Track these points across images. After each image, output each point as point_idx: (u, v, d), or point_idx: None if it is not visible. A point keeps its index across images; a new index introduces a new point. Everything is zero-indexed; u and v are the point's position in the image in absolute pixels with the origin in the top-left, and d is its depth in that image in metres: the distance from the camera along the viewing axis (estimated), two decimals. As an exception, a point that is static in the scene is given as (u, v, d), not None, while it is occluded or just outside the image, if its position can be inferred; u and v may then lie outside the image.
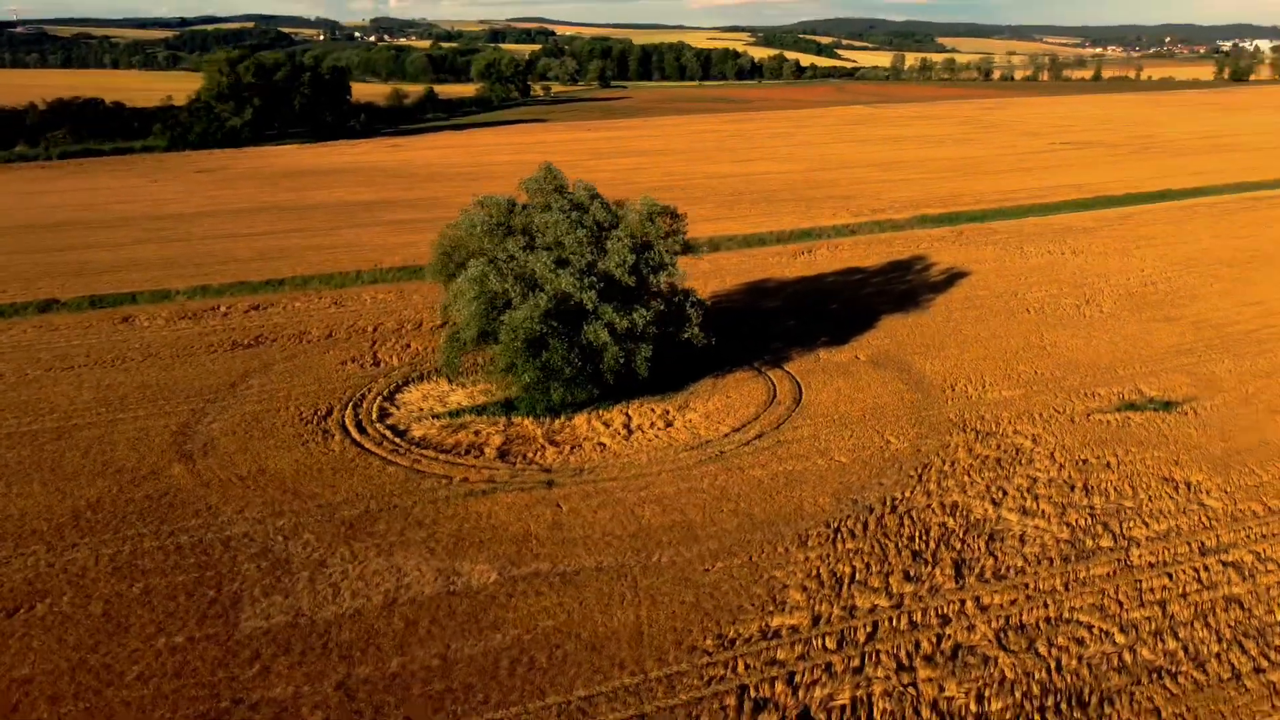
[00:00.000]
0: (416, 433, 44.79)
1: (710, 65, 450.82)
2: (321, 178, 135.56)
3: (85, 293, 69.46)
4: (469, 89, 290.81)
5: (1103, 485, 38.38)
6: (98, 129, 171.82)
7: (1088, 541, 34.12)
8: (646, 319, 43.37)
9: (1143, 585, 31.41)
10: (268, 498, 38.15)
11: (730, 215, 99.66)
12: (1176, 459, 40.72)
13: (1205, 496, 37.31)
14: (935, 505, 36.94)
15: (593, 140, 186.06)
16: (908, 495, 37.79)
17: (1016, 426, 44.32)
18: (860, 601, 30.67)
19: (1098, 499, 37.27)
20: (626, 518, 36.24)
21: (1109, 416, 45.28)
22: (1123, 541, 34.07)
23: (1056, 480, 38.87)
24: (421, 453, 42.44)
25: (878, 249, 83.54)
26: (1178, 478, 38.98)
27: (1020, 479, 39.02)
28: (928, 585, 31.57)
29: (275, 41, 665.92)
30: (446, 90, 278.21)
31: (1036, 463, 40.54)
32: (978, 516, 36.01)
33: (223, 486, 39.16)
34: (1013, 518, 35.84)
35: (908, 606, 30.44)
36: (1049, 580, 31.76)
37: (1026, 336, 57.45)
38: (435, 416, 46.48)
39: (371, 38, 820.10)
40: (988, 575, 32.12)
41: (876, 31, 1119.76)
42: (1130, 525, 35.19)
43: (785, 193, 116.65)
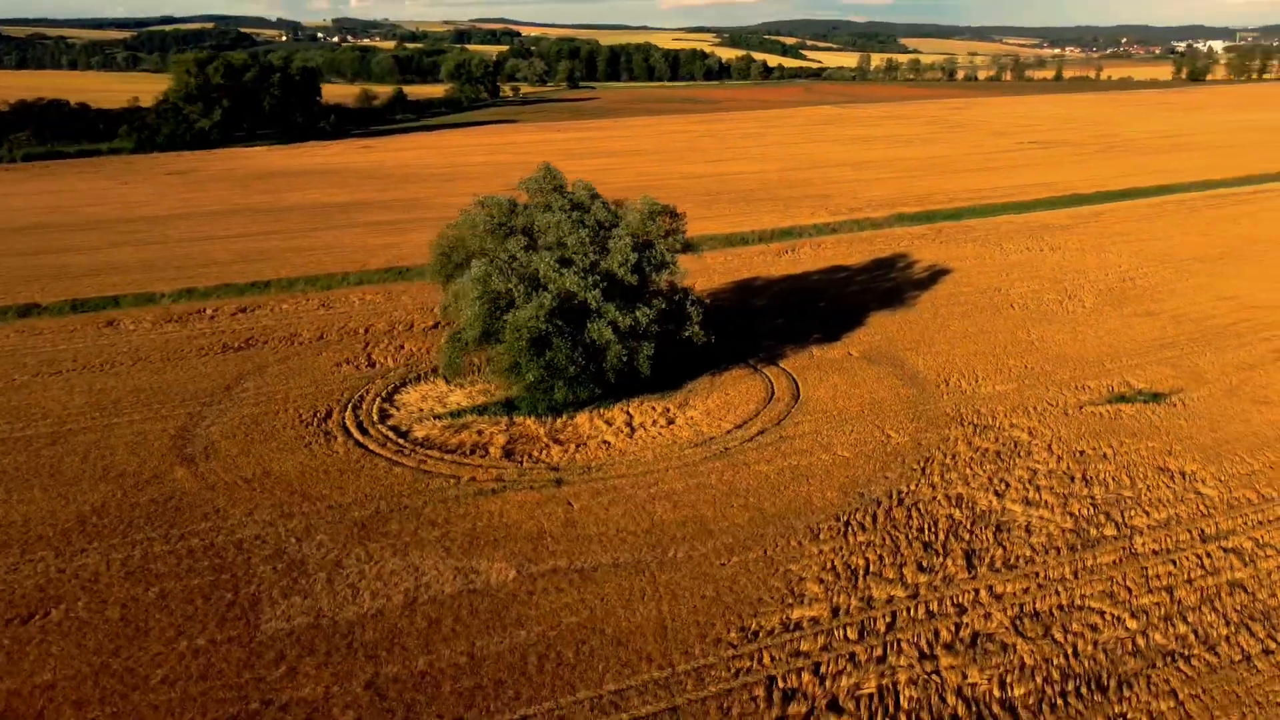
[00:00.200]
0: (419, 433, 44.74)
1: (678, 66, 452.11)
2: (295, 179, 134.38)
3: (66, 296, 68.43)
4: (438, 90, 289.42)
5: (1101, 476, 39.27)
6: (63, 131, 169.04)
7: (1092, 531, 34.93)
8: (649, 317, 43.66)
9: (1149, 572, 32.23)
10: (276, 500, 37.97)
11: (709, 215, 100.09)
12: (1170, 449, 41.73)
13: (1201, 485, 38.31)
14: (940, 497, 37.60)
15: (564, 141, 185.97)
16: (913, 488, 38.43)
17: (1012, 420, 45.16)
18: (877, 592, 31.19)
19: (1097, 489, 38.13)
20: (639, 514, 36.51)
21: (1101, 409, 46.28)
22: (1125, 530, 34.91)
23: (1056, 471, 39.71)
24: (426, 453, 42.41)
25: (859, 247, 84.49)
26: (1172, 467, 39.97)
27: (1021, 471, 39.81)
28: (941, 575, 32.16)
29: (236, 42, 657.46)
30: (415, 91, 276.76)
31: (1035, 455, 41.37)
32: (983, 508, 36.71)
33: (229, 490, 38.90)
34: (1017, 509, 36.58)
35: (924, 596, 31.01)
36: (1058, 569, 32.49)
37: (1013, 332, 58.48)
38: (436, 417, 46.45)
39: (335, 38, 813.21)
40: (998, 565, 32.78)
41: (840, 32, 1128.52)
42: (1131, 514, 36.06)
43: (761, 192, 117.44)
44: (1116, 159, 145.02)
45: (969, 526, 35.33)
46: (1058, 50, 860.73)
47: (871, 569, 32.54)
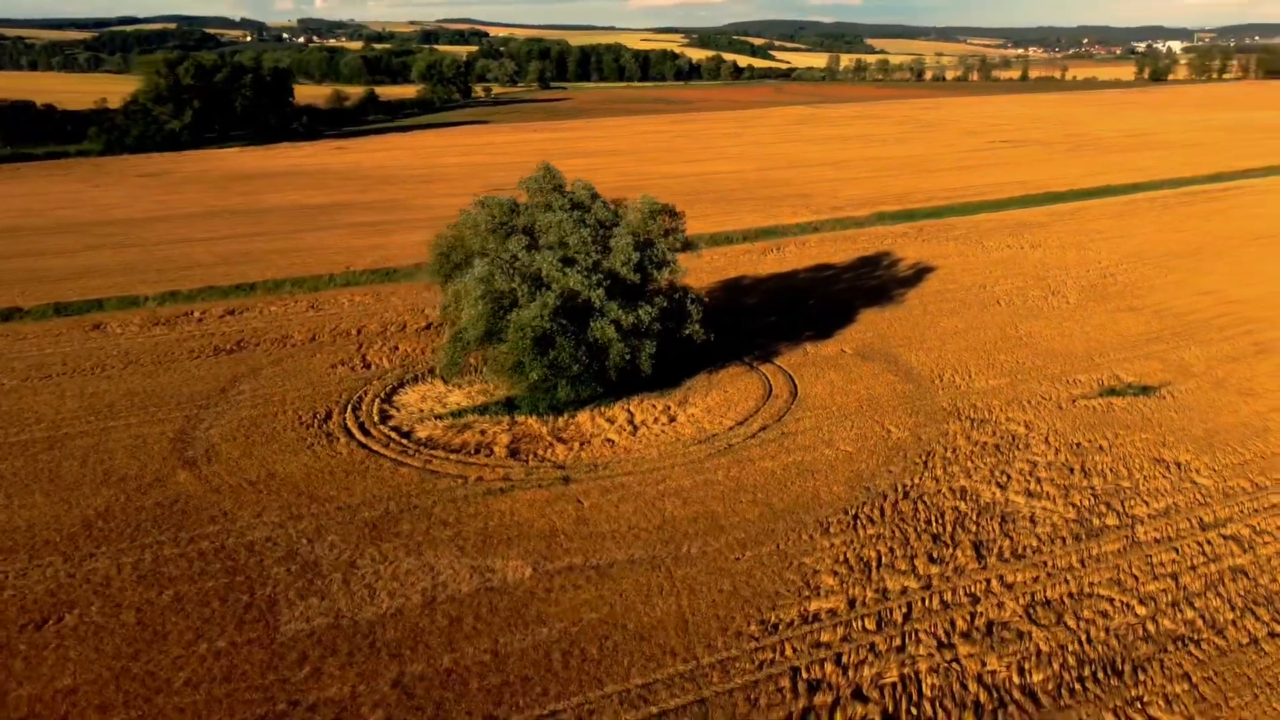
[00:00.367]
0: (421, 434, 44.69)
1: (649, 66, 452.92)
2: (271, 181, 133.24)
3: (48, 300, 67.48)
4: (409, 90, 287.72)
5: (1099, 467, 40.06)
6: (29, 132, 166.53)
7: (1094, 520, 35.65)
8: (651, 315, 43.93)
9: (1153, 560, 32.97)
10: (283, 502, 37.80)
11: (693, 215, 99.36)
12: (1163, 440, 42.64)
13: (1196, 475, 39.20)
14: (945, 490, 38.19)
15: (540, 141, 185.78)
16: (917, 481, 38.99)
17: (1008, 414, 45.91)
18: (891, 584, 31.67)
19: (1096, 480, 38.90)
20: (649, 511, 36.76)
21: (1093, 402, 47.16)
22: (1127, 519, 35.67)
23: (1055, 463, 40.46)
24: (431, 453, 42.38)
25: (844, 246, 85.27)
26: (1167, 458, 40.86)
27: (1021, 463, 40.51)
28: (952, 566, 32.70)
29: (200, 43, 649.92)
30: (387, 92, 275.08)
31: (1033, 447, 42.10)
32: (987, 500, 37.34)
33: (234, 492, 38.66)
34: (1020, 500, 37.25)
35: (937, 587, 31.52)
36: (1065, 558, 33.14)
37: (1002, 328, 59.37)
38: (438, 417, 46.41)
39: (301, 39, 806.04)
40: (1007, 555, 33.38)
41: (807, 33, 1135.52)
42: (1131, 504, 36.84)
43: (742, 192, 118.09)
44: (1087, 157, 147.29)
45: (975, 518, 35.92)
46: (1021, 50, 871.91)
47: (884, 561, 33.01)
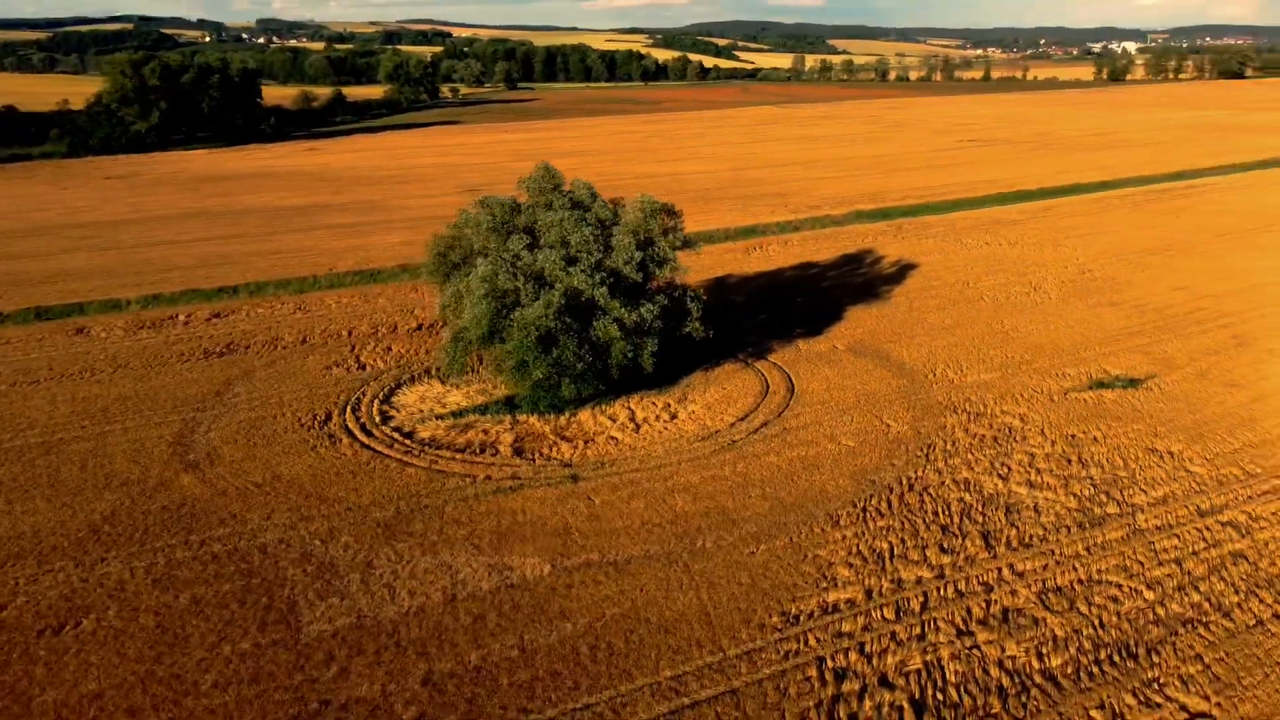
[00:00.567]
0: (424, 434, 44.66)
1: (615, 67, 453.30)
2: (243, 182, 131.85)
3: (27, 304, 66.42)
4: (376, 91, 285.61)
5: (1095, 458, 40.99)
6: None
7: (1096, 509, 36.50)
8: (653, 313, 44.24)
9: (1156, 546, 33.84)
10: (292, 504, 37.63)
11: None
12: (1155, 431, 43.70)
13: (1189, 464, 40.23)
14: (948, 482, 38.88)
15: (514, 142, 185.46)
16: (920, 474, 39.66)
17: (1003, 407, 46.78)
18: (905, 574, 32.23)
19: (1094, 470, 39.81)
20: (660, 507, 37.08)
21: (1084, 395, 48.18)
22: (1127, 508, 36.56)
23: (1053, 455, 41.33)
24: (436, 453, 42.39)
25: (825, 244, 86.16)
26: (1160, 448, 41.89)
27: (1020, 455, 41.34)
28: (962, 555, 33.35)
29: (158, 43, 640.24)
30: (354, 92, 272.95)
31: (1030, 439, 42.97)
32: (990, 491, 38.09)
33: (241, 495, 38.44)
34: (1022, 491, 38.04)
35: (950, 576, 32.14)
36: (1071, 546, 33.91)
37: (988, 323, 60.40)
38: (439, 418, 46.39)
39: (261, 39, 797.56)
40: (1014, 544, 34.10)
41: (770, 34, 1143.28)
42: (1130, 493, 37.76)
43: (719, 191, 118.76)
44: (1054, 156, 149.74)
45: (980, 509, 36.64)
46: (981, 51, 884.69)
47: (896, 552, 33.58)
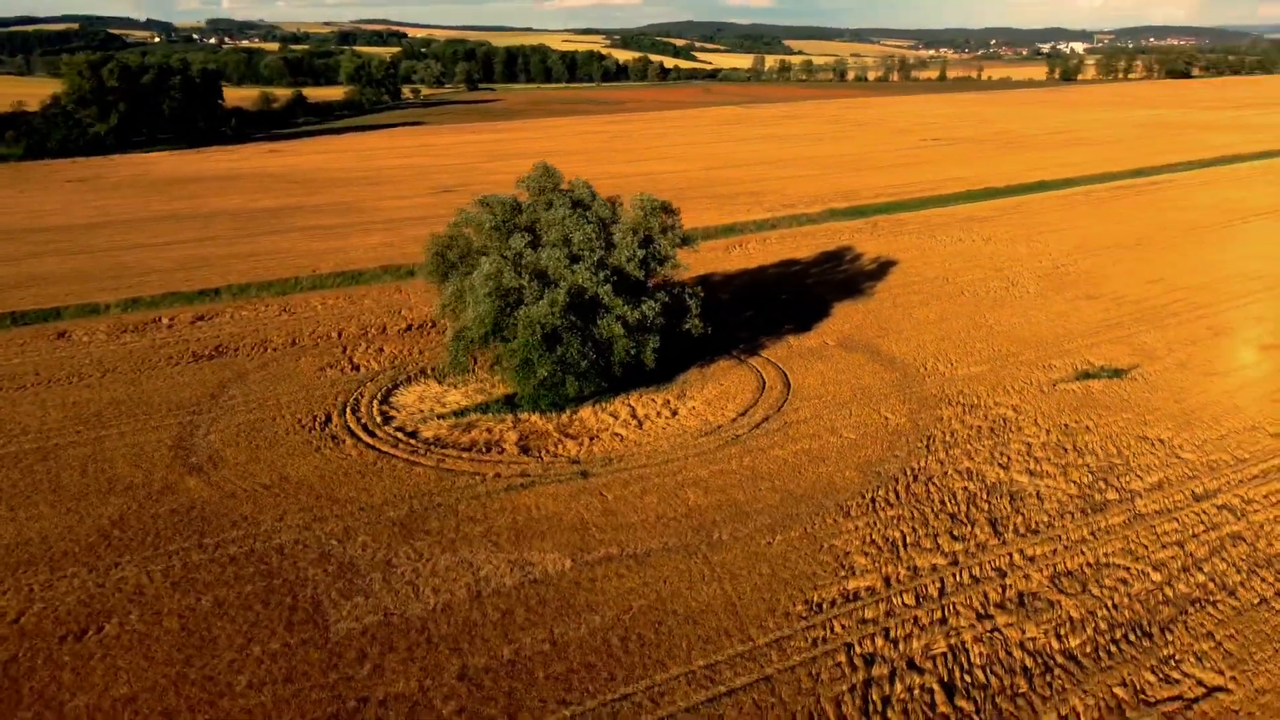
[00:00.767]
0: (427, 433, 44.66)
1: (576, 67, 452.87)
2: (210, 185, 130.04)
3: (2, 309, 65.12)
4: (337, 92, 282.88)
5: (1090, 446, 42.12)
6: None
7: (1096, 496, 37.56)
8: (655, 311, 44.65)
9: (1157, 530, 34.93)
10: (303, 505, 37.51)
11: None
12: (1144, 419, 44.97)
13: (1180, 451, 41.50)
14: (951, 472, 39.75)
15: (481, 143, 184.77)
16: (923, 465, 40.49)
17: (995, 398, 47.83)
18: (920, 561, 32.97)
19: (1090, 458, 40.92)
20: (673, 501, 37.50)
21: (1072, 386, 49.41)
22: (1126, 494, 37.66)
23: (1049, 444, 42.39)
24: (442, 452, 42.43)
25: (804, 241, 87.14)
26: (1151, 436, 43.14)
27: (1017, 444, 42.35)
28: (973, 542, 34.18)
29: (105, 43, 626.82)
30: (314, 94, 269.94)
31: (1025, 430, 44.02)
32: (992, 480, 39.01)
33: (250, 497, 38.22)
34: (1024, 479, 39.00)
35: (964, 563, 32.94)
36: (1076, 531, 34.89)
37: (971, 317, 61.61)
38: (440, 417, 46.40)
39: (212, 39, 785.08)
40: (1022, 530, 35.01)
41: (726, 34, 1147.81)
42: (1126, 479, 38.88)
43: (692, 191, 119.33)
44: (1017, 154, 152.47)
45: (985, 497, 37.53)
46: (934, 51, 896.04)
47: (909, 540, 34.32)
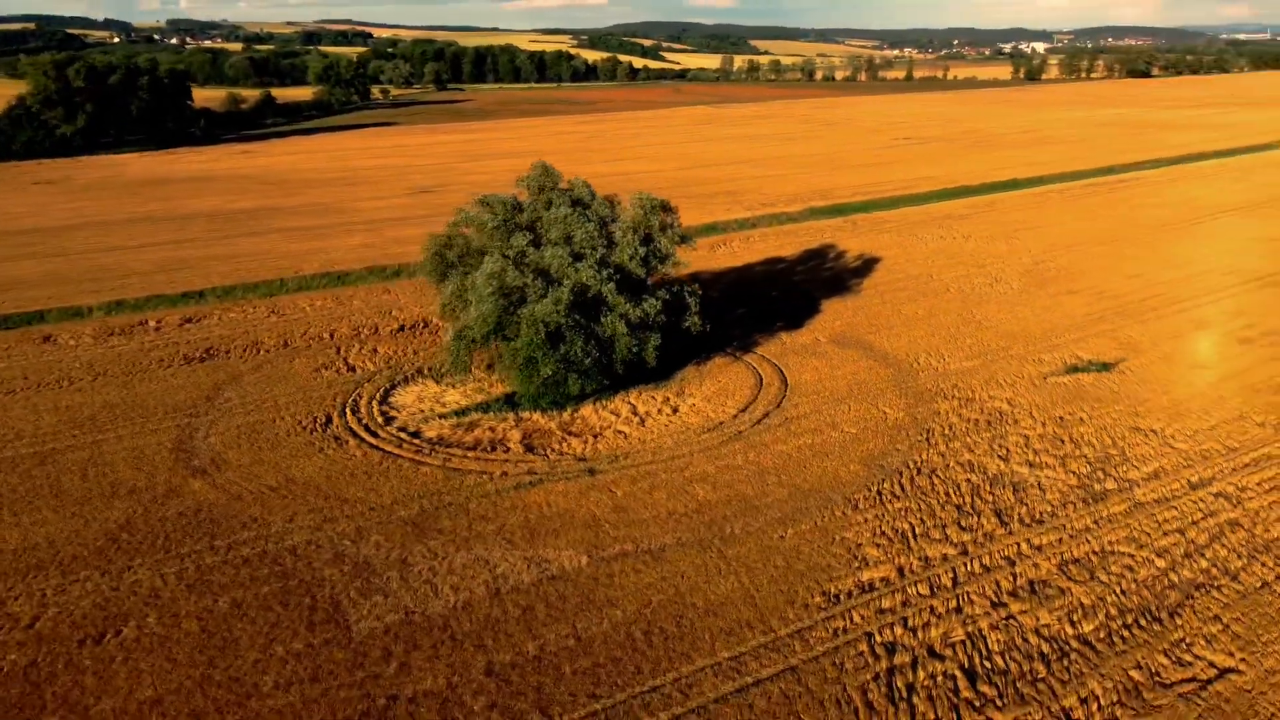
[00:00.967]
0: (430, 433, 44.63)
1: (545, 67, 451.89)
2: (184, 186, 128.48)
3: (-16, 313, 64.18)
4: (305, 92, 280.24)
5: (1085, 437, 43.00)
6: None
7: (1096, 485, 38.38)
8: (657, 308, 44.95)
9: (1157, 517, 35.78)
10: (312, 506, 37.40)
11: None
12: (1135, 411, 45.96)
13: (1173, 441, 42.48)
14: (953, 464, 40.43)
15: (455, 143, 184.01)
16: (925, 458, 41.13)
17: (989, 392, 48.64)
18: (931, 552, 33.55)
19: (1086, 449, 41.77)
20: (682, 496, 37.82)
21: (1063, 379, 50.35)
22: (1124, 483, 38.52)
23: (1045, 436, 43.22)
24: (447, 451, 42.44)
25: (787, 240, 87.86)
26: (1143, 426, 44.11)
27: (1015, 437, 43.13)
28: (981, 533, 34.82)
29: (64, 43, 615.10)
30: (283, 94, 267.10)
31: (1021, 422, 44.83)
32: (994, 471, 39.72)
33: (258, 499, 38.03)
34: (1024, 470, 39.76)
35: (973, 553, 33.55)
36: (1080, 520, 35.65)
37: (959, 313, 62.51)
38: (441, 417, 46.39)
39: (174, 39, 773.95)
40: (1027, 520, 35.71)
41: (691, 34, 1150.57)
42: (1124, 469, 39.76)
43: (671, 190, 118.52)
44: (987, 153, 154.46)
45: (988, 489, 38.22)
46: (899, 51, 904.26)
47: (918, 531, 34.90)
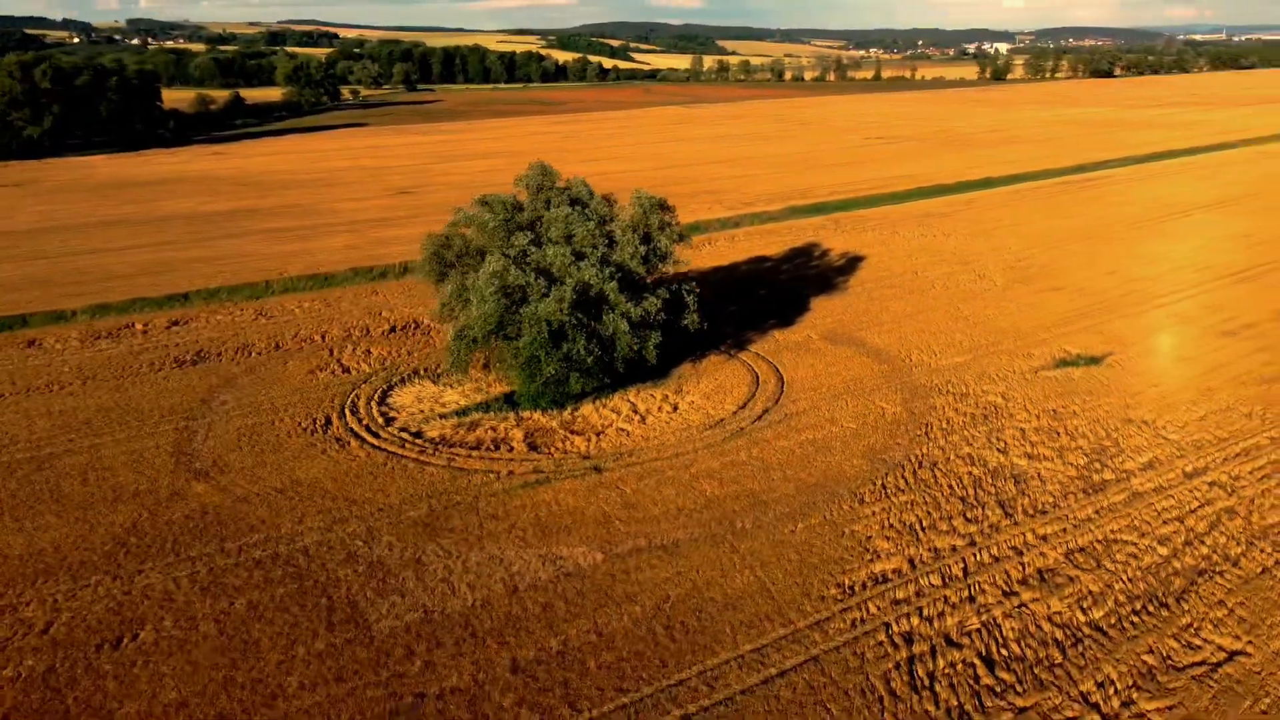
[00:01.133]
0: (432, 433, 44.60)
1: (515, 68, 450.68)
2: (158, 188, 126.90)
3: (-36, 318, 63.12)
4: (274, 93, 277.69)
5: (1080, 429, 43.83)
6: None
7: (1094, 476, 39.15)
8: (657, 307, 45.23)
9: (1156, 506, 36.58)
10: (320, 507, 37.28)
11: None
12: (1126, 403, 46.88)
13: (1165, 432, 43.41)
14: (954, 457, 41.05)
15: (429, 144, 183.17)
16: (926, 451, 41.72)
17: (983, 386, 49.39)
18: (939, 543, 34.09)
19: (1082, 441, 42.59)
20: (690, 493, 38.12)
21: (1053, 373, 51.25)
22: (1122, 474, 39.33)
23: (1041, 429, 44.00)
24: (451, 451, 42.44)
25: (771, 239, 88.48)
26: (1135, 418, 45.02)
27: (1011, 430, 43.87)
28: (987, 524, 35.43)
29: (22, 43, 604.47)
30: (251, 95, 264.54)
31: (1017, 416, 45.59)
32: (994, 464, 40.40)
33: (264, 501, 37.84)
34: (1024, 462, 40.47)
35: (981, 543, 34.14)
36: (1081, 510, 36.37)
37: (946, 310, 63.36)
38: (442, 417, 46.37)
39: (134, 40, 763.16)
40: (1031, 511, 36.38)
41: (659, 34, 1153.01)
42: (1120, 460, 40.58)
43: (649, 190, 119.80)
44: (960, 152, 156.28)
45: (990, 481, 38.86)
46: (865, 51, 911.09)
47: (925, 523, 35.44)
